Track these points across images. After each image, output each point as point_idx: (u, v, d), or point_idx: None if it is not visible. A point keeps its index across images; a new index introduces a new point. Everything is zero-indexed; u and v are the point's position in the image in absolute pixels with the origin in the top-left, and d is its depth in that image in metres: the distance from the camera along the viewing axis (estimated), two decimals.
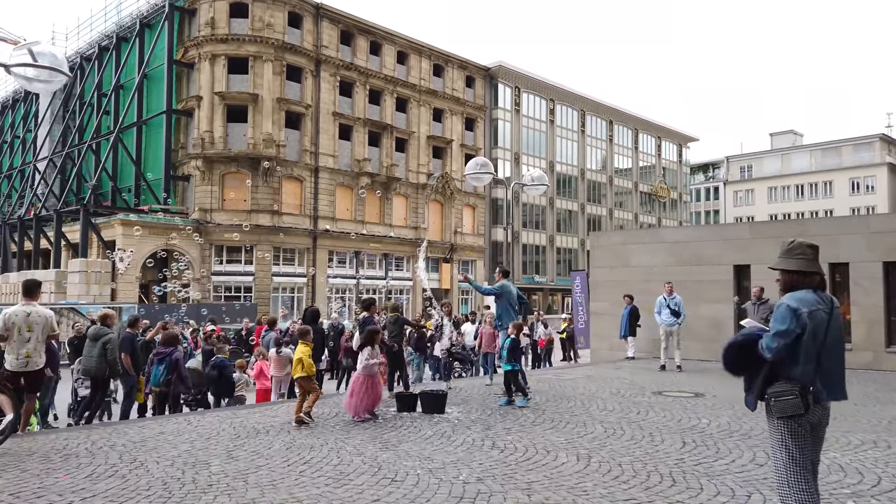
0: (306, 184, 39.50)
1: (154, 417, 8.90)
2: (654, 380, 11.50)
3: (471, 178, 10.81)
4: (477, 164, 10.71)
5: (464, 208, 48.44)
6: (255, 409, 9.00)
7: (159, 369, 11.14)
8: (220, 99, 37.29)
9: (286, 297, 38.74)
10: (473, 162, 10.84)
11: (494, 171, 10.79)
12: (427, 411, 8.10)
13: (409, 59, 45.63)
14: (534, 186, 11.93)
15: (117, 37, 42.60)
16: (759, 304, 12.22)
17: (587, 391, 9.98)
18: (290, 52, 38.76)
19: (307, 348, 7.86)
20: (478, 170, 10.76)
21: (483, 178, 10.96)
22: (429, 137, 46.25)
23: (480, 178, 10.96)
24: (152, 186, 38.25)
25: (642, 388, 10.37)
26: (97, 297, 32.97)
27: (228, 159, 37.28)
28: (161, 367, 11.21)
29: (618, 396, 9.45)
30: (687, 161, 75.27)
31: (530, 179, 11.86)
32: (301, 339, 8.03)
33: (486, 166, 10.77)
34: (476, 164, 10.72)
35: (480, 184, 10.94)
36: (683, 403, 8.83)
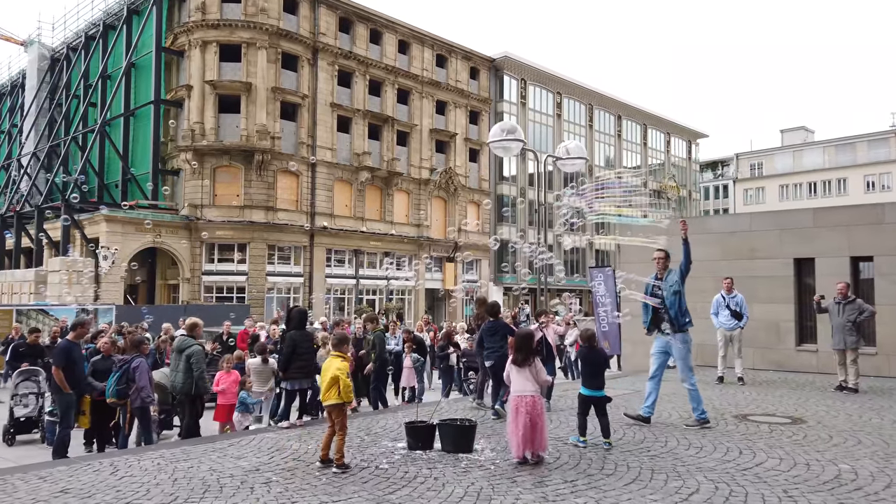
0: (303, 178, 37.34)
1: (74, 459, 6.63)
2: (721, 397, 9.37)
3: (496, 148, 8.58)
4: (503, 130, 8.52)
5: (468, 205, 46.28)
6: (216, 443, 6.81)
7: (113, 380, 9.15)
8: (212, 88, 35.15)
9: (282, 297, 36.53)
10: (498, 127, 8.67)
11: (523, 140, 8.52)
12: (449, 449, 5.96)
13: (410, 49, 43.50)
14: (569, 160, 9.70)
15: (104, 24, 40.48)
16: (844, 303, 10.06)
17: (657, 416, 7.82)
18: (285, 39, 36.61)
19: (344, 364, 5.68)
20: (504, 136, 8.54)
21: (510, 147, 8.77)
22: (431, 131, 44.10)
23: (507, 146, 8.75)
24: (140, 181, 36.10)
25: (717, 409, 8.22)
26: (78, 297, 30.81)
27: (220, 152, 35.12)
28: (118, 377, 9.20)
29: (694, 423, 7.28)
30: (696, 158, 73.19)
31: (565, 151, 9.65)
32: (336, 349, 5.87)
33: (515, 132, 8.55)
34: (502, 130, 8.52)
35: (508, 154, 8.76)
36: (789, 436, 6.67)
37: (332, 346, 5.84)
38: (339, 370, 5.47)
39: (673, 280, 7.46)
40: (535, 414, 5.57)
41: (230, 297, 34.71)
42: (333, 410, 5.51)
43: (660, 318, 7.41)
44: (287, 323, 8.39)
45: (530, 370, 5.78)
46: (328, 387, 5.52)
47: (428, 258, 42.61)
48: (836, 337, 10.21)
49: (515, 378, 5.83)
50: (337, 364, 5.54)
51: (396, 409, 8.49)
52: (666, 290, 7.40)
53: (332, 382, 5.49)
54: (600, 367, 6.62)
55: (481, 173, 47.80)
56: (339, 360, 5.62)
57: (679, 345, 7.28)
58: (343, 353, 5.73)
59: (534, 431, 5.56)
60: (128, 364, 9.03)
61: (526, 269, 36.53)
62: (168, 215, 34.65)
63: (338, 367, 5.50)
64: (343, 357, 5.68)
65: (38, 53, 46.05)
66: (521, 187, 50.89)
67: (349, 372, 5.67)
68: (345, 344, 5.84)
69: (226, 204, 35.14)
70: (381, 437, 6.77)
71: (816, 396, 9.37)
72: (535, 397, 5.71)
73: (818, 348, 13.16)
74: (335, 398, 5.47)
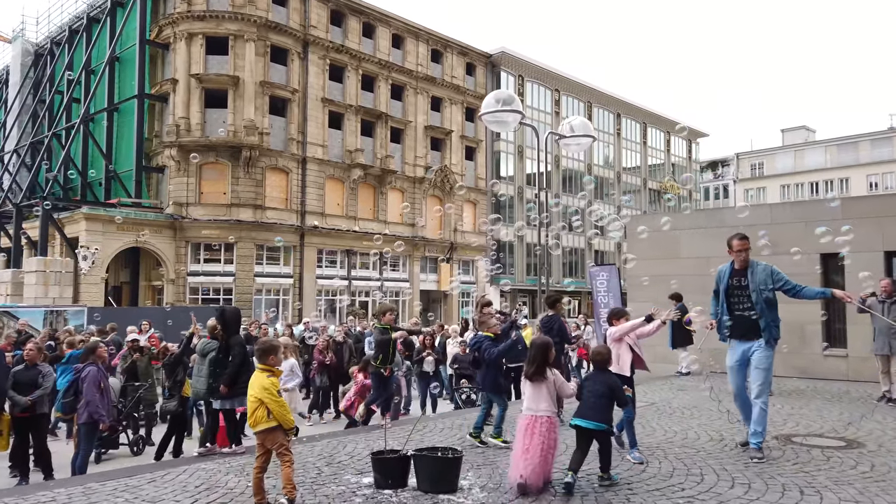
0: (293, 176, 36.02)
1: None
2: None
3: (490, 122, 7.28)
4: (498, 101, 7.23)
5: (464, 204, 44.99)
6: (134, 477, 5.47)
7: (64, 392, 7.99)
8: (198, 82, 33.84)
9: (270, 299, 35.20)
10: (493, 98, 7.38)
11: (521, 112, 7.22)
12: (426, 488, 4.67)
13: (405, 44, 42.24)
14: (574, 139, 8.42)
15: (88, 17, 39.16)
16: (890, 302, 8.81)
17: (675, 434, 6.54)
18: (274, 32, 35.33)
19: (271, 381, 4.41)
20: (499, 107, 7.24)
21: (507, 121, 7.47)
22: (426, 127, 42.83)
23: (503, 120, 7.46)
24: (122, 179, 34.77)
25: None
26: (57, 298, 29.48)
27: (206, 148, 33.75)
28: (65, 388, 8.02)
29: (731, 448, 6.00)
30: (697, 157, 72.12)
31: (570, 129, 8.37)
32: (261, 361, 4.59)
33: (512, 102, 7.25)
34: (497, 101, 7.23)
35: (504, 129, 7.50)
36: (852, 465, 5.38)
37: (257, 358, 4.57)
38: (264, 389, 4.21)
39: (764, 280, 5.94)
40: (549, 439, 4.82)
41: (216, 298, 33.38)
42: (267, 437, 4.26)
43: (747, 324, 5.95)
44: (224, 327, 7.04)
45: (547, 385, 5.00)
46: (253, 408, 4.26)
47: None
48: (879, 341, 8.97)
49: (529, 394, 5.04)
50: (262, 381, 4.29)
51: (371, 429, 7.22)
52: (755, 291, 5.93)
53: (256, 403, 4.24)
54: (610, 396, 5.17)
55: (478, 172, 46.55)
56: (265, 375, 4.35)
57: (766, 352, 5.90)
58: (270, 366, 4.45)
59: (542, 459, 4.75)
60: (79, 374, 7.78)
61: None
62: (152, 214, 33.33)
63: (262, 386, 4.25)
64: (270, 371, 4.41)
65: (22, 49, 44.75)
66: (519, 186, 49.64)
67: (278, 389, 4.39)
68: (271, 355, 4.54)
69: (212, 202, 33.81)
70: (345, 468, 5.49)
71: (861, 411, 8.11)
72: (550, 418, 4.90)
73: (848, 353, 11.92)
74: (265, 421, 4.21)
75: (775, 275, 5.99)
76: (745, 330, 5.95)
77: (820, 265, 12.00)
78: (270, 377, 4.38)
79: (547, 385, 4.98)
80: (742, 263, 6.05)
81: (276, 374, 4.46)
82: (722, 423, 7.13)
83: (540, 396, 4.94)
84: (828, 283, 12.07)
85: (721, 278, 6.21)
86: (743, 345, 5.98)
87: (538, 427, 4.82)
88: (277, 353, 4.53)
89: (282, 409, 4.29)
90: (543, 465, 4.73)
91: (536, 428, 4.82)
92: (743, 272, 6.04)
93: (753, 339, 5.90)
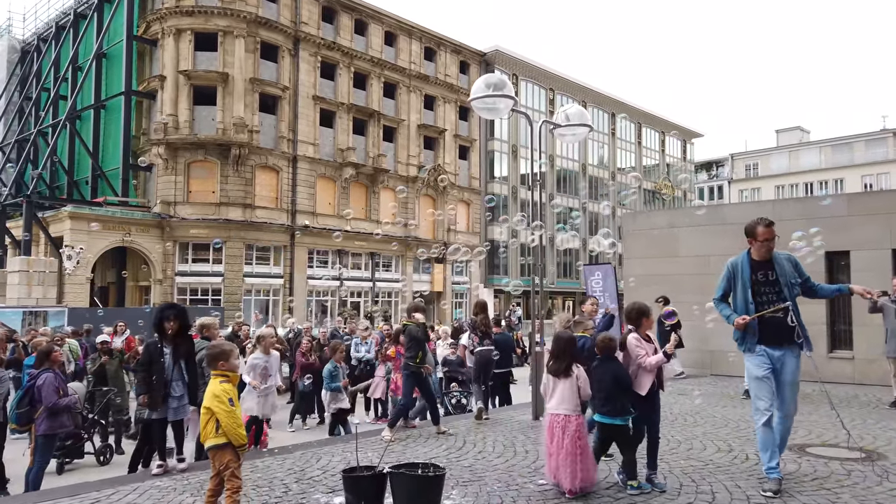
0: (283, 174, 35.43)
1: None
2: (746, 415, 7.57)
3: (479, 108, 6.75)
4: (488, 86, 6.67)
5: (458, 204, 44.47)
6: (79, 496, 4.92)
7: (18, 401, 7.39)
8: (186, 79, 33.22)
9: (260, 300, 34.60)
10: (483, 82, 6.80)
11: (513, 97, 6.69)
12: None
13: (397, 41, 41.72)
14: (570, 129, 7.90)
15: (75, 13, 38.50)
16: None
17: (679, 445, 6.02)
18: (264, 28, 34.75)
19: (224, 387, 3.88)
20: (489, 92, 6.72)
21: (498, 108, 6.94)
22: (419, 126, 42.31)
23: (495, 107, 6.93)
24: (109, 177, 34.09)
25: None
26: (40, 299, 28.83)
27: (195, 146, 33.16)
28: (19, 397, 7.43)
29: (741, 460, 5.48)
30: (692, 158, 71.89)
31: (565, 118, 7.83)
32: (212, 366, 4.03)
33: (503, 87, 6.72)
34: (487, 86, 6.68)
35: (494, 115, 6.97)
36: (877, 482, 4.88)
37: (207, 364, 4.02)
38: (214, 397, 3.68)
39: (791, 271, 5.06)
40: (573, 437, 4.69)
41: (205, 299, 32.76)
42: (215, 455, 3.72)
43: (777, 325, 4.92)
44: (155, 322, 6.19)
45: (572, 382, 4.86)
46: (204, 421, 3.73)
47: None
48: (892, 343, 8.49)
49: (556, 391, 4.91)
50: (213, 388, 3.76)
51: (349, 439, 6.68)
52: (786, 286, 4.99)
53: (207, 414, 3.71)
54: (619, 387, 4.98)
55: (471, 171, 46.06)
56: (218, 381, 3.82)
57: (799, 363, 4.99)
58: (224, 371, 3.90)
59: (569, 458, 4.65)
60: (33, 381, 7.21)
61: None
62: (139, 213, 32.69)
63: (213, 393, 3.71)
64: (224, 376, 3.87)
65: (9, 45, 44.07)
66: (513, 186, 49.18)
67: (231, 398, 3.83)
68: (221, 360, 3.98)
69: (200, 201, 33.18)
70: (316, 485, 4.96)
71: (874, 417, 7.64)
72: (571, 416, 4.79)
73: (854, 355, 11.47)
74: (213, 436, 3.69)
75: (799, 266, 5.16)
76: (775, 333, 4.94)
77: (824, 263, 11.57)
78: (224, 383, 3.85)
79: (572, 382, 4.84)
80: (766, 254, 5.10)
81: (231, 380, 3.92)
82: (728, 432, 6.63)
83: (567, 394, 4.79)
84: (832, 281, 11.62)
85: (737, 273, 5.19)
86: (775, 351, 4.94)
87: (568, 427, 4.67)
88: (229, 358, 3.98)
89: (232, 422, 3.76)
90: (585, 467, 4.61)
91: (567, 428, 4.67)
92: (769, 264, 5.09)
93: (785, 344, 4.94)
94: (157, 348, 5.99)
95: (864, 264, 11.10)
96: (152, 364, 5.91)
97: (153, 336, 6.27)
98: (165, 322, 6.02)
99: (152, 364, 5.91)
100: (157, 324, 6.11)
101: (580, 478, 4.61)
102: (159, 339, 6.06)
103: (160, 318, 6.10)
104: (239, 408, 3.83)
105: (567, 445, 4.63)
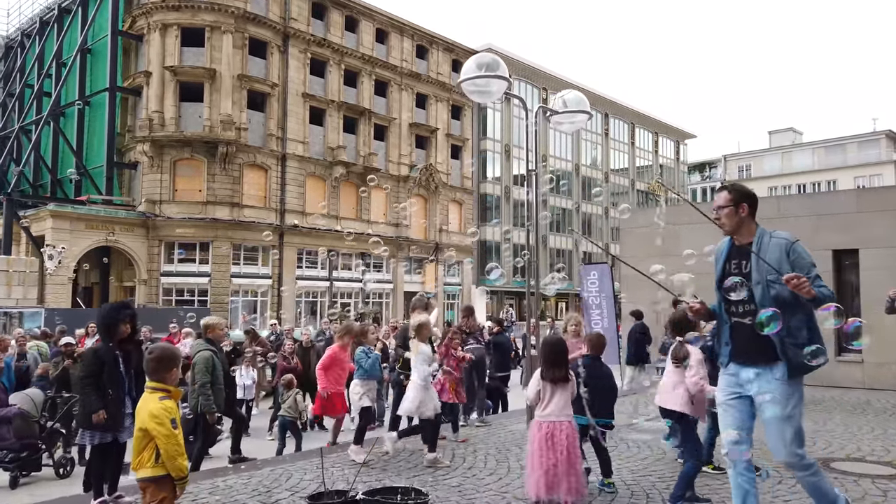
0: (272, 173, 34.75)
1: None
2: None
3: (470, 90, 6.17)
4: (480, 66, 6.09)
5: (450, 204, 43.91)
6: None
7: None
8: (172, 75, 32.51)
9: (248, 301, 33.88)
10: (474, 62, 6.23)
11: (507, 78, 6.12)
12: None
13: (389, 38, 41.12)
14: (568, 115, 7.36)
15: (59, 7, 37.70)
16: None
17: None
18: (253, 24, 34.09)
19: (164, 405, 3.24)
20: (481, 73, 6.15)
21: (490, 90, 6.38)
22: (411, 125, 41.72)
23: (486, 89, 6.37)
24: (93, 175, 33.31)
25: None
26: (20, 300, 28.01)
27: (181, 143, 32.46)
28: None
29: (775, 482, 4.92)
30: (685, 159, 71.68)
31: (563, 104, 7.28)
32: (153, 377, 3.37)
33: (496, 67, 6.15)
34: (479, 66, 6.10)
35: (486, 99, 6.43)
36: None
37: (147, 372, 3.36)
38: (153, 417, 3.07)
39: (778, 261, 3.48)
40: (573, 446, 4.39)
41: (191, 300, 32.04)
42: (149, 487, 3.10)
43: (746, 335, 3.53)
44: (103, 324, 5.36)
45: (568, 388, 4.62)
46: (139, 447, 3.11)
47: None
48: None
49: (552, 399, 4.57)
50: (151, 406, 3.14)
51: (335, 450, 6.07)
52: (758, 283, 3.51)
53: (144, 440, 3.10)
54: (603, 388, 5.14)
55: (464, 171, 45.49)
56: (157, 397, 3.20)
57: (784, 390, 3.43)
58: (163, 383, 3.28)
59: (569, 469, 4.25)
60: None
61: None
62: (123, 211, 31.94)
63: (151, 413, 3.10)
64: (165, 391, 3.25)
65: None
66: (506, 186, 48.69)
67: (174, 419, 3.19)
68: (171, 368, 3.36)
69: (187, 200, 32.47)
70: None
71: (894, 426, 7.10)
72: (571, 423, 4.52)
73: (864, 359, 10.96)
74: (150, 466, 3.08)
75: (798, 256, 3.47)
76: (744, 346, 3.57)
77: (832, 262, 11.07)
78: (165, 399, 3.22)
79: (570, 387, 4.63)
80: (738, 236, 3.67)
81: (173, 395, 3.29)
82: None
83: (563, 401, 4.56)
84: (840, 282, 11.13)
85: (717, 261, 3.87)
86: (744, 371, 3.57)
87: (571, 434, 4.40)
88: (172, 369, 3.34)
89: (173, 448, 3.12)
90: (578, 478, 4.27)
91: (571, 436, 4.39)
92: (746, 251, 3.63)
93: (760, 362, 3.50)
94: (111, 355, 5.21)
95: (874, 263, 10.60)
96: (102, 374, 5.15)
97: (105, 339, 5.39)
98: (120, 324, 5.27)
99: (102, 374, 5.15)
100: (110, 326, 5.30)
101: (576, 490, 4.28)
102: (111, 345, 5.28)
103: (115, 320, 5.30)
104: (181, 430, 3.20)
105: (571, 455, 4.30)
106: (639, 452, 5.89)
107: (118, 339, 5.26)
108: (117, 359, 5.24)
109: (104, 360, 5.20)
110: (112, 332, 5.29)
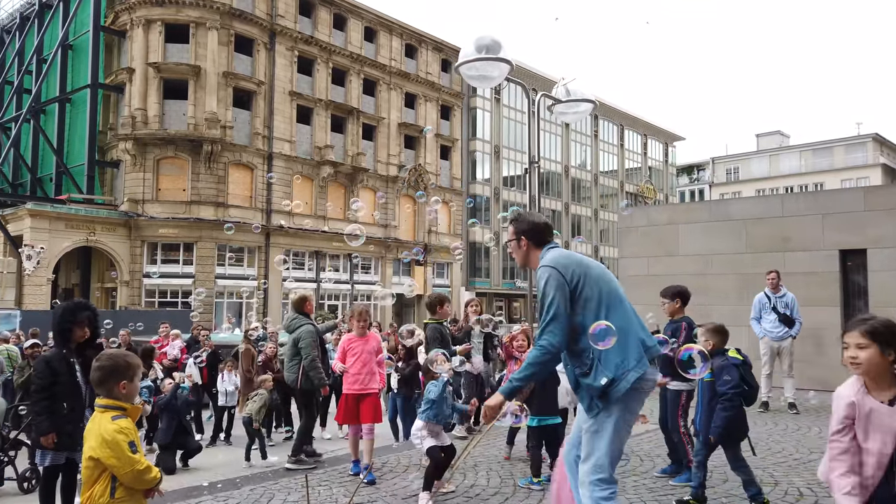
0: (258, 172, 34.10)
1: None
2: (777, 433, 6.65)
3: (469, 75, 5.69)
4: (480, 48, 5.61)
5: (439, 205, 43.39)
6: None
7: None
8: (156, 71, 31.81)
9: (233, 303, 33.19)
10: (473, 44, 5.73)
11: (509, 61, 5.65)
12: None
13: (377, 37, 40.61)
14: (571, 105, 6.91)
15: (40, 2, 36.80)
16: None
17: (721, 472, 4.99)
18: (239, 20, 33.45)
19: (120, 424, 2.70)
20: (483, 55, 5.68)
21: (491, 75, 5.91)
22: (400, 125, 41.21)
23: (487, 74, 5.90)
24: (74, 174, 32.50)
25: (788, 455, 5.47)
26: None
27: (164, 141, 31.75)
28: None
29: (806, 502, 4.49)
30: (673, 161, 71.74)
31: (565, 93, 6.83)
32: (100, 388, 2.80)
33: (498, 50, 5.68)
34: (479, 49, 5.62)
35: (486, 84, 5.97)
36: None
37: (96, 385, 2.77)
38: (104, 444, 2.54)
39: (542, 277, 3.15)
40: None
41: (174, 301, 31.34)
42: None
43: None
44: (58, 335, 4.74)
45: None
46: (90, 479, 2.57)
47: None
48: None
49: None
50: (102, 428, 2.59)
51: (325, 468, 5.57)
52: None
53: (97, 469, 2.57)
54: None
55: (453, 172, 45.04)
56: (109, 416, 2.65)
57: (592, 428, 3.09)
58: (118, 400, 2.72)
59: None
60: None
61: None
62: (105, 211, 31.18)
63: (102, 437, 2.55)
64: (120, 410, 2.70)
65: None
66: (496, 187, 48.29)
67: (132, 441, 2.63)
68: (122, 380, 2.78)
69: (170, 199, 31.75)
70: None
71: None
72: None
73: None
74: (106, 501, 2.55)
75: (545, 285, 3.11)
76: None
77: (839, 262, 10.69)
78: (119, 419, 2.67)
79: None
80: (528, 266, 3.45)
81: (129, 413, 2.73)
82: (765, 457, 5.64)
83: None
84: (847, 282, 10.76)
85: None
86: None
87: None
88: (133, 378, 2.78)
89: (135, 476, 2.56)
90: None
91: None
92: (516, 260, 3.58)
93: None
94: (66, 363, 4.60)
95: (883, 264, 10.24)
96: (56, 385, 4.53)
97: (59, 345, 4.80)
98: (77, 327, 4.68)
99: (56, 385, 4.53)
100: (65, 329, 4.66)
101: None
102: (65, 350, 4.69)
103: (71, 322, 4.68)
104: (142, 452, 2.66)
105: None
106: None
107: (75, 343, 4.69)
108: (73, 366, 4.65)
109: (57, 369, 4.58)
110: (67, 336, 4.69)
